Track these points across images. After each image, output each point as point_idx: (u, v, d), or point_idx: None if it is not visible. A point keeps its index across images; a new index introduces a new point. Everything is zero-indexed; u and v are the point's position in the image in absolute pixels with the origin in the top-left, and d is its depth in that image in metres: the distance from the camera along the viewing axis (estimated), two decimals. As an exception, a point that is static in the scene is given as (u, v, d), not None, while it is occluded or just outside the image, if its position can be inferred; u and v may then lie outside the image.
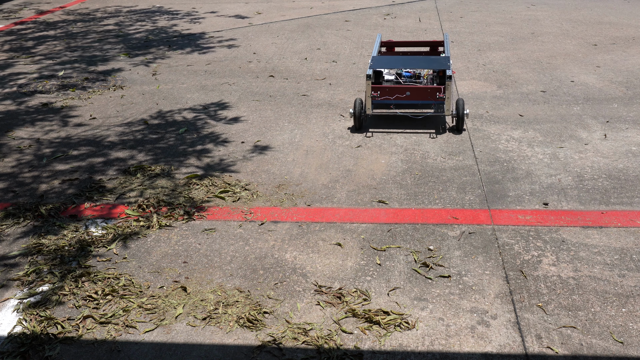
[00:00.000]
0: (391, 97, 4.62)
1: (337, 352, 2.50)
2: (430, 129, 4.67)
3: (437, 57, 5.07)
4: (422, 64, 4.88)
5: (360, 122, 4.68)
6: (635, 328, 2.61)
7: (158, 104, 5.44)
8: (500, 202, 3.65)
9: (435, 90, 4.57)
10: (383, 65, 4.91)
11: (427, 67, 4.84)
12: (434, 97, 4.58)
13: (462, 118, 4.55)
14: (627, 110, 5.02)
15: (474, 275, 2.97)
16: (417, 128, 4.70)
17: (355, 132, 4.68)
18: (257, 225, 3.47)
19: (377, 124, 4.82)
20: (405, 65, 4.88)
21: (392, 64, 4.94)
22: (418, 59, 5.06)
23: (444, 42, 5.52)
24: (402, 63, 4.94)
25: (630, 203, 3.60)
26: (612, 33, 7.48)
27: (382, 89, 4.63)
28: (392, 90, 4.62)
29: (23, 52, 7.29)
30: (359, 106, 4.63)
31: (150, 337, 2.63)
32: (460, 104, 4.55)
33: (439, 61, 4.95)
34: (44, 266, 3.11)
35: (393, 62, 5.01)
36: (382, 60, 5.02)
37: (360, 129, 4.71)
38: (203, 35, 7.84)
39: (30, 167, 4.27)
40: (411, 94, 4.60)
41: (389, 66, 4.91)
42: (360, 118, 4.65)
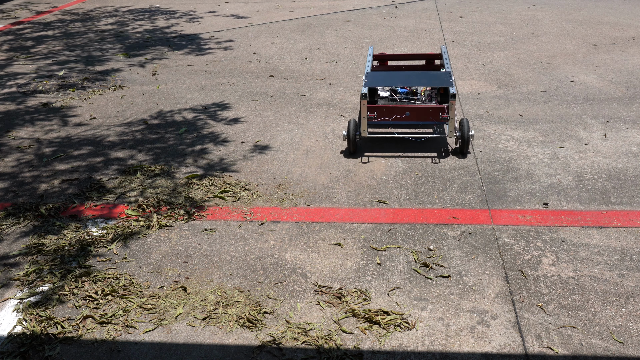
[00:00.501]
0: (389, 117, 4.21)
1: (337, 352, 2.50)
2: (431, 151, 4.28)
3: (437, 73, 4.59)
4: (422, 81, 4.44)
5: (355, 146, 4.27)
6: (635, 328, 2.61)
7: (158, 104, 5.44)
8: (500, 202, 3.65)
9: (438, 110, 4.18)
10: (379, 82, 4.45)
11: (429, 84, 4.37)
12: (436, 117, 4.19)
13: (467, 140, 4.12)
14: (627, 110, 5.02)
15: (474, 275, 2.97)
16: (417, 151, 4.31)
17: (350, 156, 4.27)
18: (257, 225, 3.47)
19: (372, 146, 4.42)
20: (404, 82, 4.42)
21: (389, 81, 4.47)
22: (417, 75, 4.59)
23: (442, 55, 5.10)
24: (400, 80, 4.48)
25: (630, 203, 3.60)
26: (612, 33, 7.49)
27: (379, 109, 4.22)
28: (390, 110, 4.21)
29: (22, 52, 7.29)
30: (353, 128, 4.22)
31: (150, 337, 2.63)
32: (464, 125, 4.14)
33: (440, 78, 4.48)
34: (44, 266, 3.11)
35: (390, 78, 4.52)
36: (378, 77, 4.54)
37: (355, 153, 4.32)
38: (203, 35, 7.84)
39: (30, 167, 4.27)
40: (411, 114, 4.20)
41: (385, 83, 4.44)
42: (355, 141, 4.25)
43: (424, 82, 4.41)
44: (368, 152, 4.31)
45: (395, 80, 4.47)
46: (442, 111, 4.17)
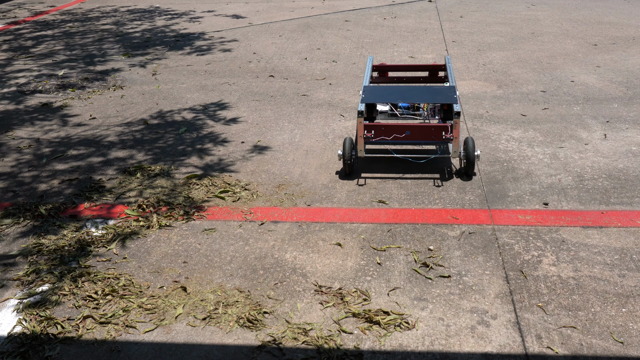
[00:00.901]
0: (388, 136, 3.86)
1: (337, 352, 2.50)
2: (434, 172, 3.99)
3: (441, 88, 4.27)
4: (423, 96, 4.14)
5: (350, 167, 3.94)
6: (635, 328, 2.61)
7: (158, 104, 5.44)
8: (500, 202, 3.65)
9: (441, 129, 3.85)
10: (377, 97, 4.15)
11: (430, 100, 4.07)
12: (439, 136, 3.86)
13: (472, 162, 3.83)
14: (627, 110, 5.02)
15: (474, 275, 2.97)
16: (418, 172, 4.00)
17: (345, 178, 3.97)
18: (257, 225, 3.47)
19: (370, 167, 4.10)
20: (404, 98, 4.14)
21: (388, 96, 4.17)
22: (419, 89, 4.27)
23: (446, 67, 4.74)
24: (401, 94, 4.17)
25: (630, 203, 3.60)
26: (612, 33, 7.49)
27: (376, 127, 3.88)
28: (388, 128, 3.87)
29: (22, 51, 7.29)
30: (349, 147, 3.91)
31: (150, 337, 2.63)
32: (469, 145, 3.85)
33: (443, 93, 4.16)
34: (43, 266, 3.11)
35: (389, 93, 4.21)
36: (376, 92, 4.23)
37: (351, 174, 4.00)
38: (203, 35, 7.84)
39: (30, 167, 4.27)
40: (412, 133, 3.86)
41: (384, 99, 4.14)
42: (351, 162, 3.92)
43: (426, 97, 4.12)
44: (365, 173, 4.02)
45: (395, 95, 4.18)
46: (446, 130, 3.85)
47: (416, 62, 6.40)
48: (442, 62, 6.28)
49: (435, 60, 6.47)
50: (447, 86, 4.28)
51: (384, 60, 6.50)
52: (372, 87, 4.31)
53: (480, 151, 4.30)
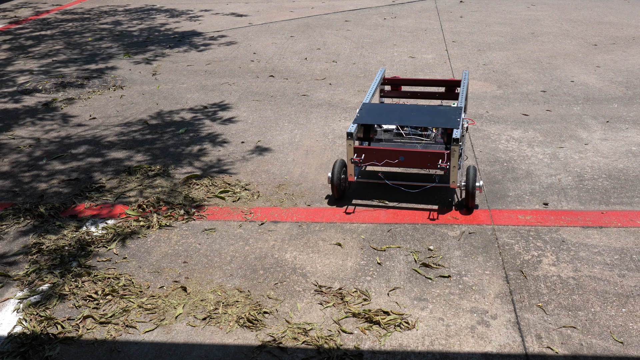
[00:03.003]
0: (379, 162, 3.53)
1: (337, 352, 2.50)
2: (432, 203, 3.62)
3: (445, 109, 3.85)
4: (424, 118, 3.76)
5: (340, 192, 3.63)
6: (635, 328, 2.61)
7: (158, 104, 5.44)
8: (500, 202, 3.65)
9: (438, 157, 3.48)
10: (373, 117, 3.79)
11: (430, 124, 3.69)
12: (435, 164, 3.47)
13: (472, 193, 3.45)
14: (627, 110, 5.02)
15: (474, 275, 2.97)
16: (414, 201, 3.64)
17: (334, 203, 3.65)
18: (257, 225, 3.47)
19: (362, 192, 3.78)
20: (402, 120, 3.76)
21: (386, 117, 3.81)
22: (421, 110, 3.89)
23: (461, 84, 4.30)
24: (399, 115, 3.81)
25: (630, 203, 3.60)
26: (612, 33, 7.49)
27: (367, 151, 3.55)
28: (380, 153, 3.53)
29: (22, 51, 7.29)
30: (338, 171, 3.59)
31: (150, 337, 2.63)
32: (470, 175, 3.48)
33: (447, 115, 3.76)
34: (44, 266, 3.11)
35: (387, 113, 3.86)
36: (374, 111, 3.88)
37: (341, 199, 3.69)
38: (203, 35, 7.84)
39: (30, 167, 4.27)
40: (406, 160, 3.51)
41: (381, 119, 3.77)
42: (341, 187, 3.63)
43: (426, 120, 3.74)
44: (357, 199, 3.70)
45: (393, 116, 3.80)
46: (442, 158, 3.45)
47: (417, 61, 6.41)
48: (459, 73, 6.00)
49: (435, 59, 6.47)
50: (453, 107, 3.87)
51: (386, 62, 6.50)
52: (371, 106, 3.95)
53: (480, 151, 4.29)
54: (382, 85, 4.47)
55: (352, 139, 3.56)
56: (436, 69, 6.17)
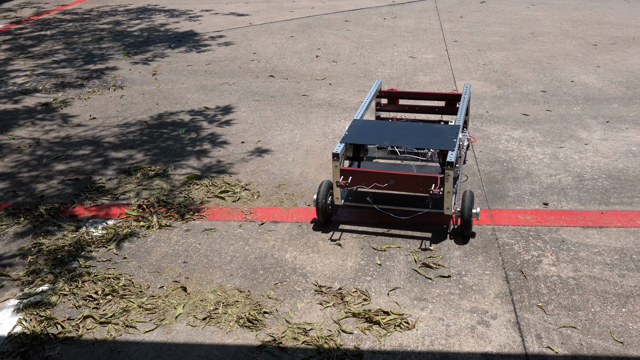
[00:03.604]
0: (367, 185, 3.28)
1: (337, 352, 2.50)
2: (425, 230, 3.36)
3: (440, 128, 3.57)
4: (417, 138, 3.47)
5: (326, 216, 3.36)
6: (635, 328, 2.61)
7: (158, 104, 5.44)
8: (500, 202, 3.65)
9: (430, 181, 3.19)
10: (363, 136, 3.51)
11: (423, 144, 3.41)
12: (428, 189, 3.19)
13: (467, 222, 3.18)
14: (627, 110, 5.02)
15: (474, 275, 2.97)
16: (406, 227, 3.39)
17: (318, 229, 3.39)
18: (257, 225, 3.47)
19: (351, 216, 3.51)
20: (394, 139, 3.48)
21: (377, 136, 3.52)
22: (414, 128, 3.59)
23: (462, 99, 4.00)
24: (391, 134, 3.53)
25: (630, 203, 3.60)
26: (612, 33, 7.49)
27: (355, 174, 3.29)
28: (369, 176, 3.28)
29: (22, 51, 7.29)
30: (324, 193, 3.33)
31: (150, 337, 2.63)
32: (466, 201, 3.19)
33: (442, 134, 3.47)
34: (43, 266, 3.11)
35: (378, 132, 3.57)
36: (364, 129, 3.59)
37: (328, 224, 3.43)
38: (203, 35, 7.84)
39: (30, 167, 4.27)
40: (396, 183, 3.25)
41: (370, 139, 3.50)
42: (327, 210, 3.36)
43: (420, 139, 3.46)
44: (344, 224, 3.44)
45: (384, 135, 3.52)
46: (435, 182, 3.17)
47: (417, 61, 6.41)
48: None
49: (435, 59, 6.47)
50: (450, 126, 3.59)
51: (386, 62, 6.50)
52: (361, 123, 3.67)
53: (480, 151, 4.29)
54: (379, 98, 4.21)
55: (339, 160, 3.30)
56: (436, 69, 6.17)
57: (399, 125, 3.66)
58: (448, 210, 3.23)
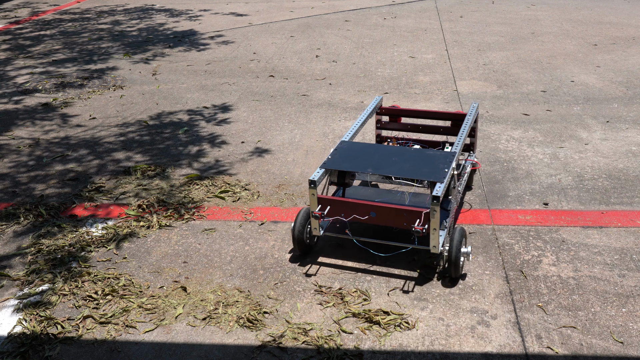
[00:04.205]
0: (346, 217, 2.99)
1: (337, 352, 2.50)
2: (411, 268, 3.02)
3: (434, 155, 3.18)
4: (405, 166, 3.11)
5: (304, 247, 3.09)
6: (635, 328, 2.61)
7: (158, 104, 5.44)
8: (500, 202, 3.65)
9: (415, 216, 2.88)
10: (346, 162, 3.18)
11: (410, 173, 3.04)
12: (412, 224, 2.87)
13: (455, 263, 2.85)
14: (627, 110, 5.02)
15: (474, 275, 2.97)
16: (391, 264, 3.06)
17: (295, 261, 3.11)
18: (257, 225, 3.47)
19: (332, 247, 3.21)
20: (379, 166, 3.12)
21: (362, 162, 3.17)
22: (404, 154, 3.23)
23: (465, 120, 3.61)
24: (377, 160, 3.17)
25: (630, 203, 3.60)
26: (612, 33, 7.49)
27: (333, 203, 3.00)
28: (348, 207, 2.98)
29: (22, 51, 7.29)
30: (302, 222, 3.05)
31: (150, 337, 2.63)
32: (455, 239, 2.86)
33: (434, 163, 3.11)
34: (43, 266, 3.11)
35: (364, 157, 3.22)
36: (350, 153, 3.26)
37: (306, 255, 3.15)
38: (203, 35, 7.84)
39: (30, 167, 4.27)
40: (378, 216, 2.95)
41: (354, 165, 3.15)
42: (304, 241, 3.07)
43: (408, 167, 3.09)
44: (324, 256, 3.16)
45: (369, 161, 3.17)
46: (420, 218, 2.85)
47: (417, 61, 6.40)
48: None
49: (435, 59, 6.47)
50: (445, 153, 3.20)
51: (386, 62, 6.50)
52: (348, 146, 3.34)
53: (480, 151, 4.29)
54: (379, 115, 3.89)
55: (316, 188, 2.99)
56: (436, 69, 6.17)
57: (388, 150, 3.28)
58: (434, 248, 2.88)
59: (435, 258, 3.10)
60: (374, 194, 3.43)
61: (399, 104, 4.36)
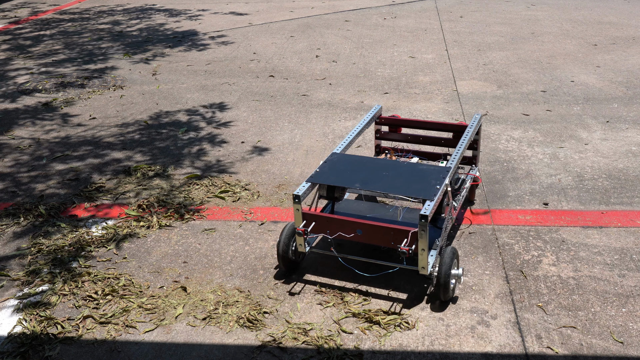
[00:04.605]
0: (332, 234, 2.86)
1: (337, 352, 2.50)
2: (401, 290, 2.88)
3: (426, 170, 3.02)
4: (395, 182, 2.94)
5: (288, 263, 2.97)
6: (635, 328, 2.61)
7: (158, 104, 5.44)
8: (500, 202, 3.65)
9: (402, 235, 2.72)
10: (334, 176, 3.00)
11: (399, 190, 2.87)
12: (400, 243, 2.73)
13: (444, 285, 2.69)
14: (627, 110, 5.02)
15: (474, 275, 2.97)
16: (380, 285, 2.91)
17: (280, 278, 2.99)
18: (257, 225, 3.47)
19: (320, 264, 3.06)
20: (367, 181, 2.95)
21: (350, 176, 3.00)
22: (396, 168, 3.07)
23: (465, 132, 3.44)
24: (366, 175, 3.01)
25: (630, 203, 3.60)
26: (612, 33, 7.49)
27: (318, 219, 2.87)
28: (333, 223, 2.84)
29: (22, 51, 7.29)
30: (287, 238, 2.93)
31: (150, 337, 2.63)
32: (445, 260, 2.71)
33: (425, 179, 2.94)
34: (43, 266, 3.11)
35: (353, 171, 3.05)
36: (339, 166, 3.09)
37: (292, 271, 3.03)
38: (203, 35, 7.84)
39: (30, 167, 4.27)
40: (364, 234, 2.80)
41: (342, 179, 2.98)
42: (289, 258, 2.94)
43: (398, 183, 2.92)
44: (311, 274, 3.02)
45: (358, 175, 3.00)
46: (407, 237, 2.70)
47: (417, 61, 6.40)
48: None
49: (435, 59, 6.47)
50: (439, 168, 3.03)
51: (386, 62, 6.50)
52: (339, 158, 3.18)
53: (480, 151, 4.28)
54: (378, 125, 3.77)
55: (300, 203, 2.84)
56: (436, 69, 6.17)
57: (379, 164, 3.11)
58: (423, 270, 2.72)
59: (428, 279, 2.95)
60: (366, 209, 3.28)
61: (399, 104, 4.27)
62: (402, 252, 2.65)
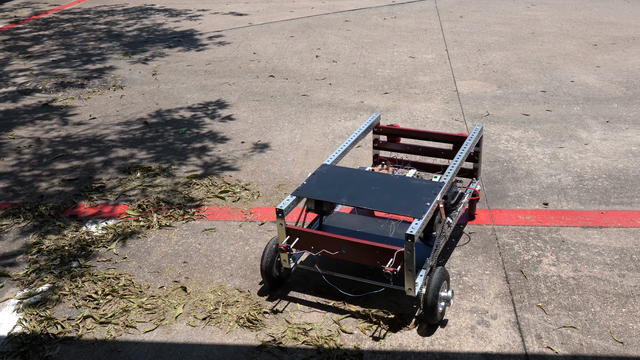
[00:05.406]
0: (316, 250, 2.74)
1: (337, 352, 2.50)
2: (391, 309, 2.75)
3: (418, 186, 2.87)
4: (383, 197, 2.80)
5: (273, 280, 2.86)
6: (635, 328, 2.61)
7: (158, 104, 5.44)
8: (500, 202, 3.65)
9: (387, 254, 2.60)
10: (321, 190, 2.88)
11: (386, 207, 2.72)
12: (386, 262, 2.60)
13: (430, 308, 2.56)
14: (627, 110, 5.02)
15: (474, 275, 2.97)
16: (371, 301, 2.80)
17: (264, 294, 2.88)
18: (257, 225, 3.47)
19: (306, 281, 2.95)
20: (354, 196, 2.81)
21: (337, 190, 2.87)
22: (386, 183, 2.92)
23: (464, 144, 3.30)
24: (354, 189, 2.87)
25: (630, 203, 3.60)
26: (612, 33, 7.49)
27: (303, 235, 2.75)
28: (317, 240, 2.73)
29: (22, 51, 7.29)
30: (271, 254, 2.81)
31: (150, 337, 2.63)
32: (433, 282, 2.57)
33: (415, 195, 2.80)
34: (44, 266, 3.11)
35: (341, 185, 2.91)
36: (327, 179, 2.97)
37: (276, 288, 2.92)
38: (203, 35, 7.84)
39: (30, 167, 4.27)
40: (349, 252, 2.67)
41: (328, 193, 2.85)
42: (272, 274, 2.84)
43: (386, 199, 2.78)
44: (296, 291, 2.91)
45: (345, 190, 2.87)
46: (392, 257, 2.57)
47: (417, 61, 6.40)
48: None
49: (435, 59, 6.47)
50: (432, 184, 2.89)
51: (386, 62, 6.50)
52: (328, 170, 3.06)
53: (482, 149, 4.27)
54: (376, 134, 3.64)
55: (283, 217, 2.73)
56: (436, 69, 6.17)
57: (369, 178, 2.97)
58: (410, 291, 2.59)
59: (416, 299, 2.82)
60: (357, 223, 3.13)
61: (399, 104, 4.17)
62: (386, 273, 2.52)
